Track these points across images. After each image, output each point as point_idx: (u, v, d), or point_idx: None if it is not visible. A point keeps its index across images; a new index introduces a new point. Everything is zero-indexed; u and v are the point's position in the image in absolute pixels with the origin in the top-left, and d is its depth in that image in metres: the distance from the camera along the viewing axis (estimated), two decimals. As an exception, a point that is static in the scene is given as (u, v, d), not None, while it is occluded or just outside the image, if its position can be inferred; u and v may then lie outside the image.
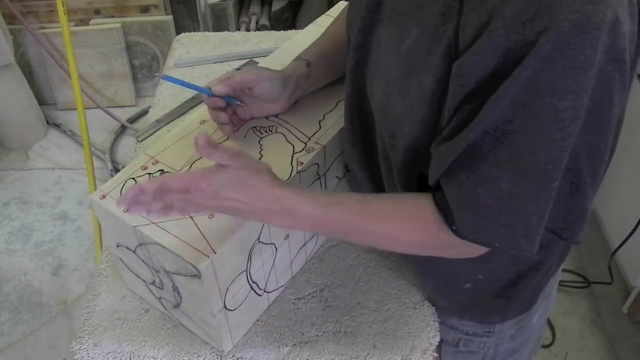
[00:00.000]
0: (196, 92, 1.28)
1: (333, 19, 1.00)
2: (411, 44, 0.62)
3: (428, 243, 0.69)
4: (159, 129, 1.21)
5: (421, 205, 0.68)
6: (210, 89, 0.83)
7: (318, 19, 1.16)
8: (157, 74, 0.72)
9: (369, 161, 0.83)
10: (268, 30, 2.37)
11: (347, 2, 0.90)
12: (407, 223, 0.68)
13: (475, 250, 0.67)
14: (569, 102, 0.53)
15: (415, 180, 0.72)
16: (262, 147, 0.86)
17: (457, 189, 0.62)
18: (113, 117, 2.53)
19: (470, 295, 0.83)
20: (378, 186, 0.84)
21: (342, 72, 0.89)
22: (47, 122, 2.61)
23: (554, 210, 0.61)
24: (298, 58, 0.90)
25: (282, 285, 0.92)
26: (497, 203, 0.60)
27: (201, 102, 1.25)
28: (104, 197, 0.79)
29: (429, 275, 0.86)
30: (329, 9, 1.21)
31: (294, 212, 0.67)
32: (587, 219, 0.64)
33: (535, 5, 0.51)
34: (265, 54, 1.38)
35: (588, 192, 0.62)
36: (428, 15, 0.61)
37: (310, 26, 1.14)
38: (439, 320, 0.89)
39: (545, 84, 0.52)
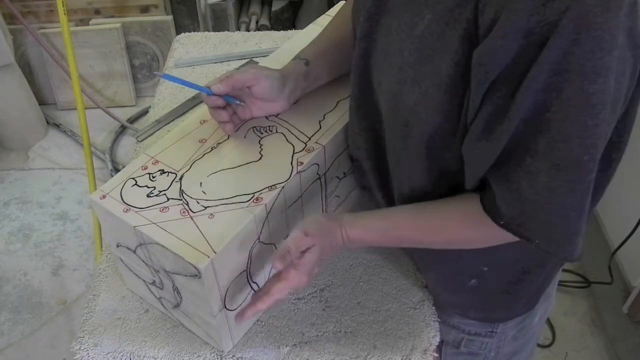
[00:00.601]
0: (196, 91, 1.28)
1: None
2: (424, 28, 0.62)
3: (483, 238, 0.71)
4: (159, 129, 1.21)
5: (467, 205, 0.70)
6: (209, 88, 0.83)
7: (318, 19, 1.16)
8: (157, 72, 0.73)
9: (375, 151, 0.83)
10: (268, 30, 2.37)
11: (345, 1, 0.89)
12: (461, 226, 0.71)
13: None
14: (599, 86, 0.53)
15: (427, 168, 0.72)
16: (262, 147, 0.86)
17: (506, 182, 0.62)
18: (113, 117, 2.53)
19: (475, 291, 0.83)
20: (382, 176, 0.85)
21: (343, 70, 0.89)
22: (47, 122, 2.62)
23: None
24: (297, 57, 0.90)
25: (282, 285, 0.92)
26: (536, 198, 0.60)
27: (201, 102, 1.25)
28: (104, 197, 0.79)
29: (433, 271, 0.86)
30: (329, 9, 1.21)
31: (360, 243, 0.78)
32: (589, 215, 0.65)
33: None
34: (265, 54, 1.38)
35: (597, 186, 0.63)
36: (440, 0, 0.60)
37: (310, 26, 1.14)
38: (440, 320, 0.89)
39: (574, 67, 0.52)
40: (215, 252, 0.71)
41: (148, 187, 0.81)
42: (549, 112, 0.55)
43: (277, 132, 0.89)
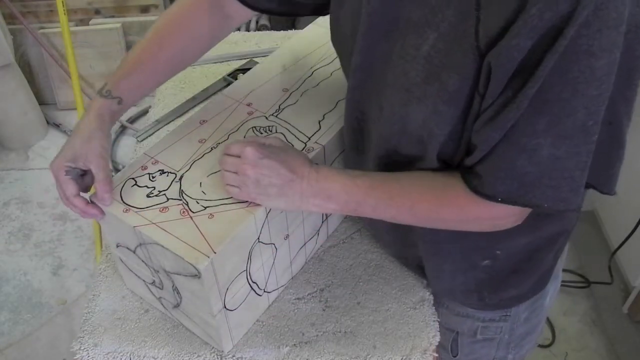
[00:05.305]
0: (196, 91, 1.28)
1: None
2: (429, 48, 0.63)
3: (466, 218, 0.72)
4: (159, 129, 1.21)
5: (452, 185, 0.70)
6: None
7: (318, 19, 1.15)
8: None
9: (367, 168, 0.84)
10: (268, 30, 2.37)
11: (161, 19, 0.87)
12: (443, 203, 0.72)
13: (523, 213, 0.70)
14: (604, 60, 0.55)
15: (437, 167, 0.73)
16: (262, 147, 0.86)
17: (499, 162, 0.63)
18: (113, 117, 2.53)
19: (488, 271, 0.84)
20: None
21: (149, 91, 0.88)
22: (47, 122, 2.61)
23: (595, 167, 0.63)
24: (108, 94, 0.81)
25: (282, 285, 0.92)
26: (539, 168, 0.61)
27: (201, 102, 1.26)
28: (104, 197, 0.79)
29: (444, 256, 0.85)
30: (329, 9, 1.21)
31: (328, 186, 0.74)
32: (620, 167, 0.68)
33: None
34: (265, 54, 1.39)
35: (625, 142, 0.65)
36: (443, 18, 0.61)
37: (310, 26, 1.14)
38: (454, 312, 0.90)
39: (582, 48, 0.54)
40: (215, 252, 0.71)
41: (148, 187, 0.81)
42: (550, 93, 0.57)
43: (276, 132, 0.89)
